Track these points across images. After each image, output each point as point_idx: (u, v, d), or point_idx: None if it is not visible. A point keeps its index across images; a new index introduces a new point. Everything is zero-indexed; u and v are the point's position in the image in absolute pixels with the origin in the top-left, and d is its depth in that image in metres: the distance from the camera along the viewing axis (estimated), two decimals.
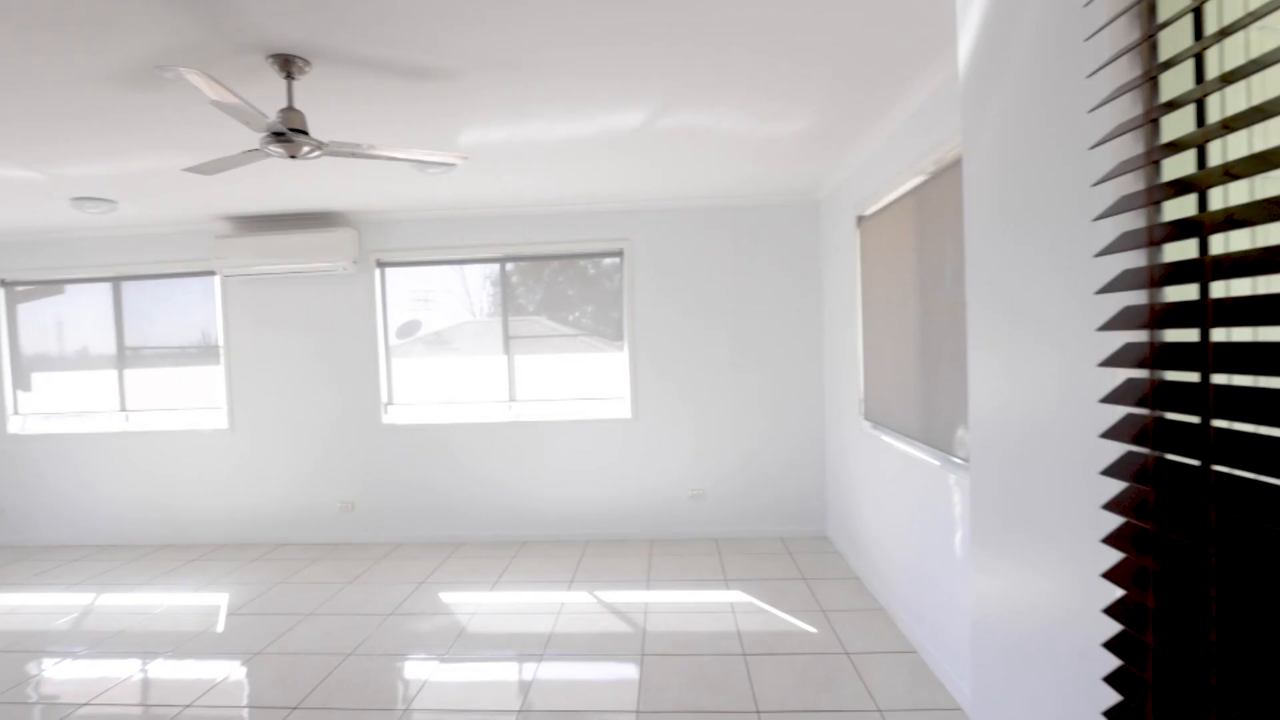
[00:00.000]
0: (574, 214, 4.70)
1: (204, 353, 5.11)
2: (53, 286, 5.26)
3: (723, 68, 2.43)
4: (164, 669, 3.12)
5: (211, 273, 4.98)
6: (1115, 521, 0.85)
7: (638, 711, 2.61)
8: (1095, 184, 0.82)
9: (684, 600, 3.65)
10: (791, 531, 4.68)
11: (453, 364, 4.96)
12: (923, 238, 2.84)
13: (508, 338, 4.84)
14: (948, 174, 2.57)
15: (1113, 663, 0.85)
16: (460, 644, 3.24)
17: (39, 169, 3.40)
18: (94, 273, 5.14)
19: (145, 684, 2.99)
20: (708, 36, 2.18)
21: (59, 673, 3.13)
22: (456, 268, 4.91)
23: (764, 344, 4.66)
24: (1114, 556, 0.85)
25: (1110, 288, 0.79)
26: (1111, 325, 0.80)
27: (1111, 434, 0.81)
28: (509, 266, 4.84)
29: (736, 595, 3.68)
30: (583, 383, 4.84)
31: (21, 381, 5.34)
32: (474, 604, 3.72)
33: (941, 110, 2.57)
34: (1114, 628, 0.85)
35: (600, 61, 2.34)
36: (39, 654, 3.33)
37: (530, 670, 2.96)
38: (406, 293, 4.97)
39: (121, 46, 2.09)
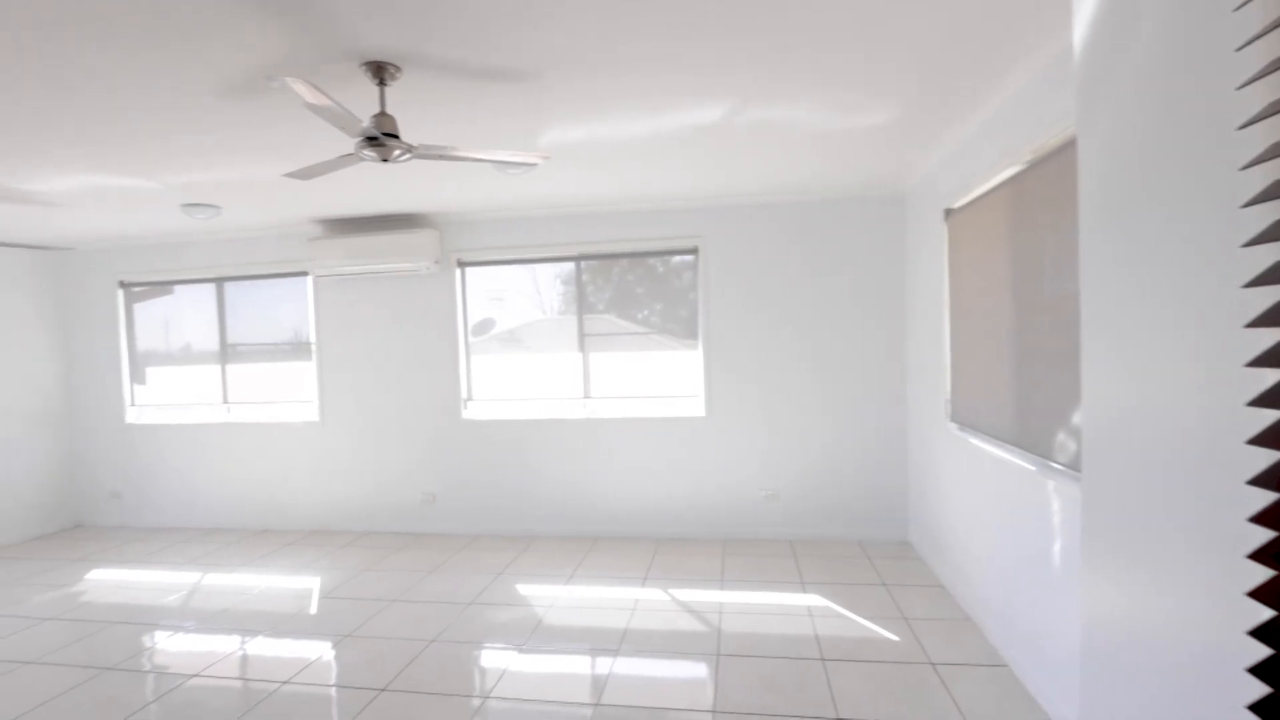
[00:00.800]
0: (648, 212, 4.71)
1: (296, 349, 5.40)
2: (163, 287, 5.67)
3: (803, 62, 2.37)
4: (263, 646, 3.31)
5: (304, 273, 5.25)
6: (1264, 535, 0.77)
7: (714, 711, 2.59)
8: (1244, 167, 0.75)
9: (759, 602, 3.60)
10: (870, 536, 4.55)
11: (525, 361, 5.06)
12: (1019, 231, 2.70)
13: (582, 335, 4.90)
14: (1050, 162, 2.43)
15: (1258, 689, 0.78)
16: (538, 636, 3.30)
17: (154, 178, 3.66)
18: (199, 274, 5.50)
19: (247, 660, 3.18)
20: (787, 32, 2.14)
21: (170, 645, 3.37)
22: (527, 267, 5.01)
23: (843, 342, 4.54)
24: (1262, 574, 0.77)
25: (1262, 280, 0.72)
26: (1263, 321, 0.73)
27: (1261, 440, 0.74)
28: (583, 265, 4.89)
29: (813, 599, 3.61)
30: (655, 381, 4.85)
31: (137, 375, 5.78)
32: (550, 597, 3.78)
33: (1043, 94, 2.44)
34: (1261, 651, 0.78)
35: (676, 58, 2.33)
36: (153, 627, 3.60)
37: (606, 665, 2.98)
38: (481, 292, 5.10)
39: (227, 59, 2.22)
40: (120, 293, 5.69)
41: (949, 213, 3.52)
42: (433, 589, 3.98)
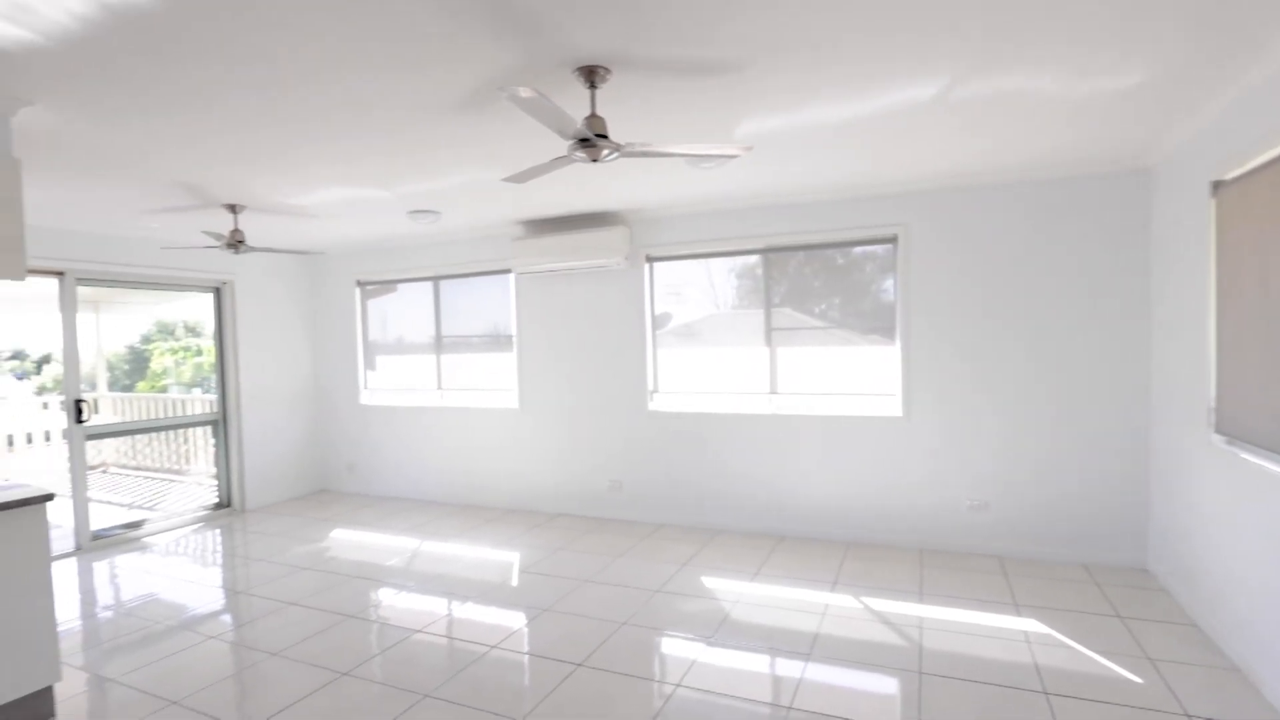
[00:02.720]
0: (842, 200, 4.50)
1: (497, 341, 5.86)
2: (389, 285, 6.42)
3: (1040, 21, 2.11)
4: (473, 612, 3.62)
5: (508, 270, 5.67)
6: None
7: None
8: None
9: (965, 620, 3.31)
10: (1098, 559, 4.00)
11: (703, 355, 5.08)
12: None
13: (769, 329, 4.81)
14: None
15: None
16: (724, 630, 3.29)
17: (389, 188, 4.12)
18: (419, 273, 6.16)
19: (461, 622, 3.50)
20: None
21: (396, 602, 3.80)
22: (702, 262, 5.02)
23: (1068, 337, 4.03)
24: None
25: None
26: None
27: None
28: (768, 258, 4.79)
29: (1030, 624, 3.24)
30: (843, 378, 4.63)
31: (369, 362, 6.60)
32: (735, 592, 3.76)
33: None
34: None
35: (895, 34, 2.17)
36: (380, 584, 4.08)
37: (797, 668, 2.90)
38: (659, 286, 5.21)
39: (455, 77, 2.43)
40: (357, 290, 6.53)
41: (1218, 185, 2.98)
42: (621, 573, 4.12)
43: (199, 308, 7.91)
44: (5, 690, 2.54)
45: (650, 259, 5.15)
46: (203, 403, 6.88)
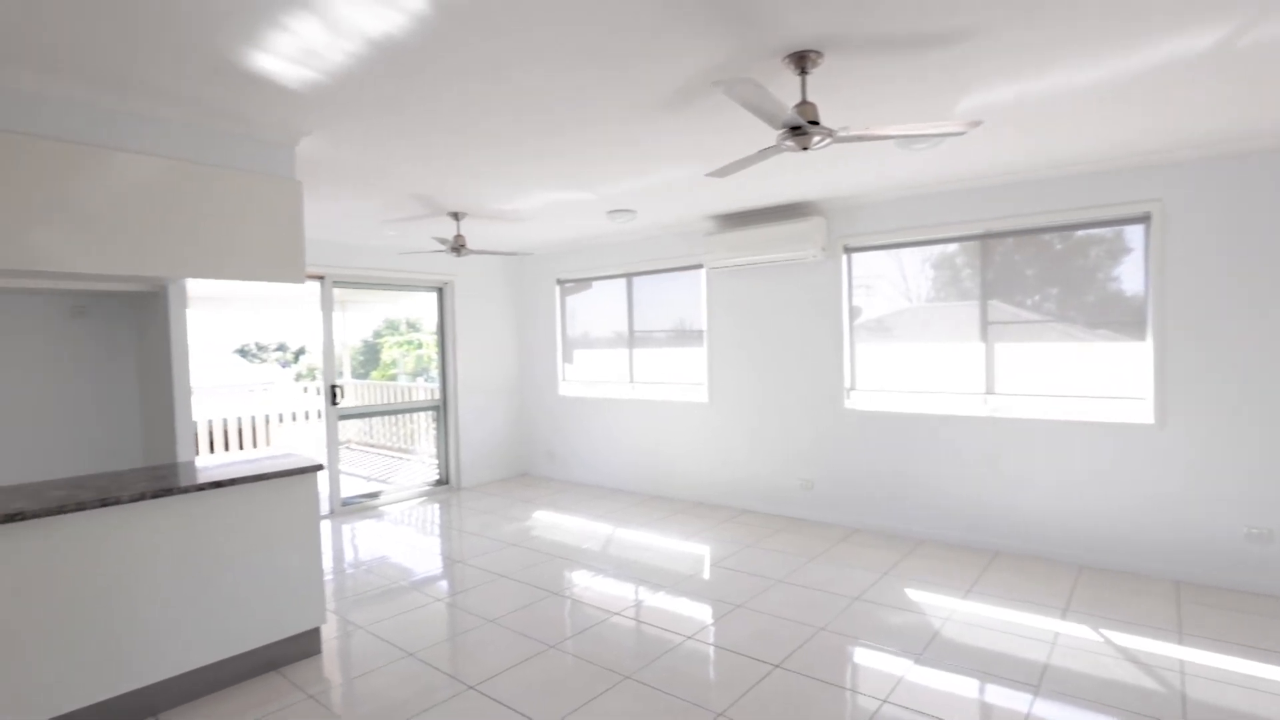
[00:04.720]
0: (1077, 175, 3.95)
1: (686, 336, 5.92)
2: (585, 283, 6.75)
3: None
4: (666, 601, 3.69)
5: (699, 266, 5.72)
6: None
7: None
8: None
9: (1244, 671, 2.77)
10: None
11: (898, 350, 4.76)
12: None
13: (985, 324, 4.37)
14: None
15: None
16: (935, 648, 3.04)
17: (592, 190, 4.32)
18: (614, 270, 6.40)
19: (655, 610, 3.57)
20: None
21: (593, 584, 3.97)
22: (892, 253, 4.70)
23: None
24: None
25: None
26: None
27: None
28: (984, 244, 4.35)
29: None
30: (1073, 377, 4.08)
31: (567, 356, 7.00)
32: (945, 609, 3.46)
33: None
34: None
35: None
36: (579, 565, 4.30)
37: (1022, 701, 2.60)
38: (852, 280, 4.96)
39: (664, 70, 2.45)
40: (557, 288, 6.95)
41: None
42: (815, 576, 3.98)
43: (419, 306, 8.89)
44: (287, 626, 3.02)
45: (848, 250, 4.91)
46: (425, 390, 7.75)
